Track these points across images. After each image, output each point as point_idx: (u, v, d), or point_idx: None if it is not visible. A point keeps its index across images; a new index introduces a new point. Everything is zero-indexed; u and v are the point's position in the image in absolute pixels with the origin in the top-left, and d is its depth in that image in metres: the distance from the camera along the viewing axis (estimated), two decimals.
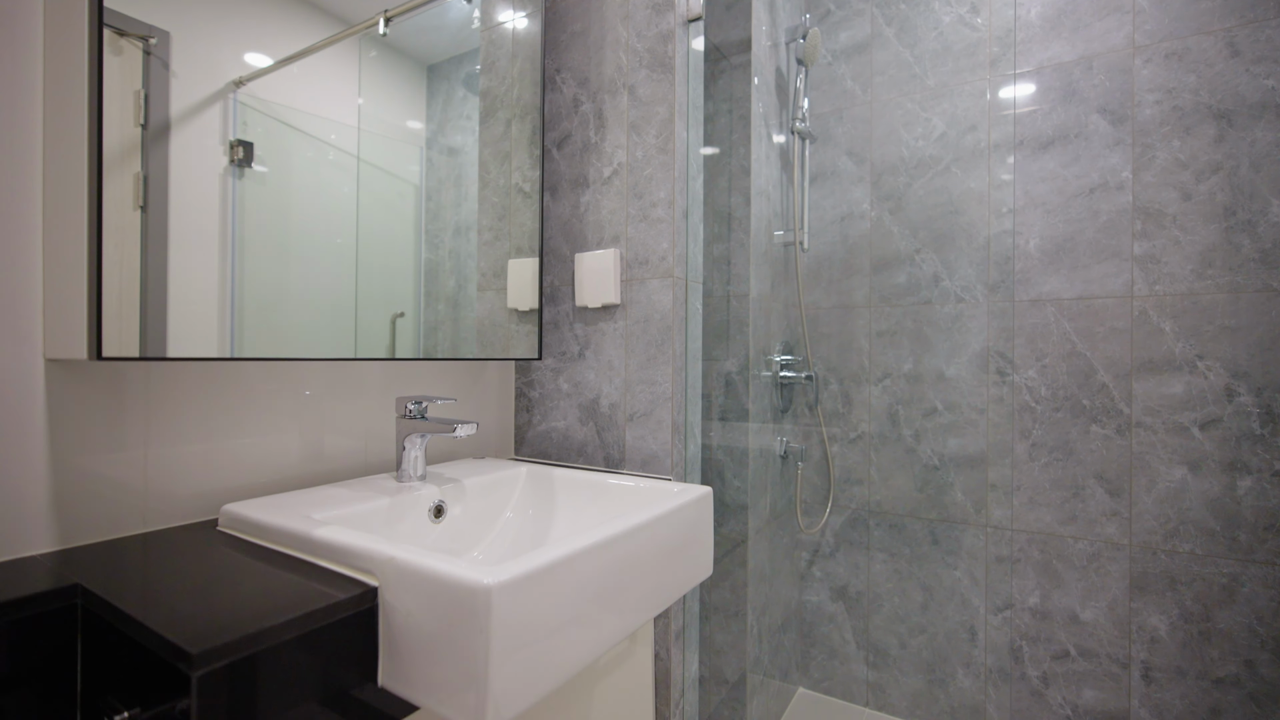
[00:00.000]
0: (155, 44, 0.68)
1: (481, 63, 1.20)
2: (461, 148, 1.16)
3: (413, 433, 0.91)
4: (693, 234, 1.17)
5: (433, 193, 1.09)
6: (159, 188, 0.68)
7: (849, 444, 1.82)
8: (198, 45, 0.72)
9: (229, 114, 0.76)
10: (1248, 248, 1.34)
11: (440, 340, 1.10)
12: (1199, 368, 1.38)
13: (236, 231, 0.76)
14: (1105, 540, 1.48)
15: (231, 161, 0.76)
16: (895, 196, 1.74)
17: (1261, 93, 1.33)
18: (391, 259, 1.01)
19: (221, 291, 0.74)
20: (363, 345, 0.93)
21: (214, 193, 0.74)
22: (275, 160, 0.81)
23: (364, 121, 0.94)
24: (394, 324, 1.04)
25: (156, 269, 0.67)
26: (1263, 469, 1.33)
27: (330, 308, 0.89)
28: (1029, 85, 1.57)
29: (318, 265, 0.87)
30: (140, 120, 0.67)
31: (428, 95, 1.09)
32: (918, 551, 1.72)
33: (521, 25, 1.25)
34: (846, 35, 1.81)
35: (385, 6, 0.99)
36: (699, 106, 1.19)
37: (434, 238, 1.11)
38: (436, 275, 1.10)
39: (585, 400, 1.23)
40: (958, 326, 1.66)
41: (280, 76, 0.81)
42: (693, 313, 1.18)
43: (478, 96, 1.18)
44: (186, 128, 0.71)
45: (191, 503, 0.80)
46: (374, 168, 0.97)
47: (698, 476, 1.19)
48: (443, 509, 0.91)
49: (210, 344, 0.73)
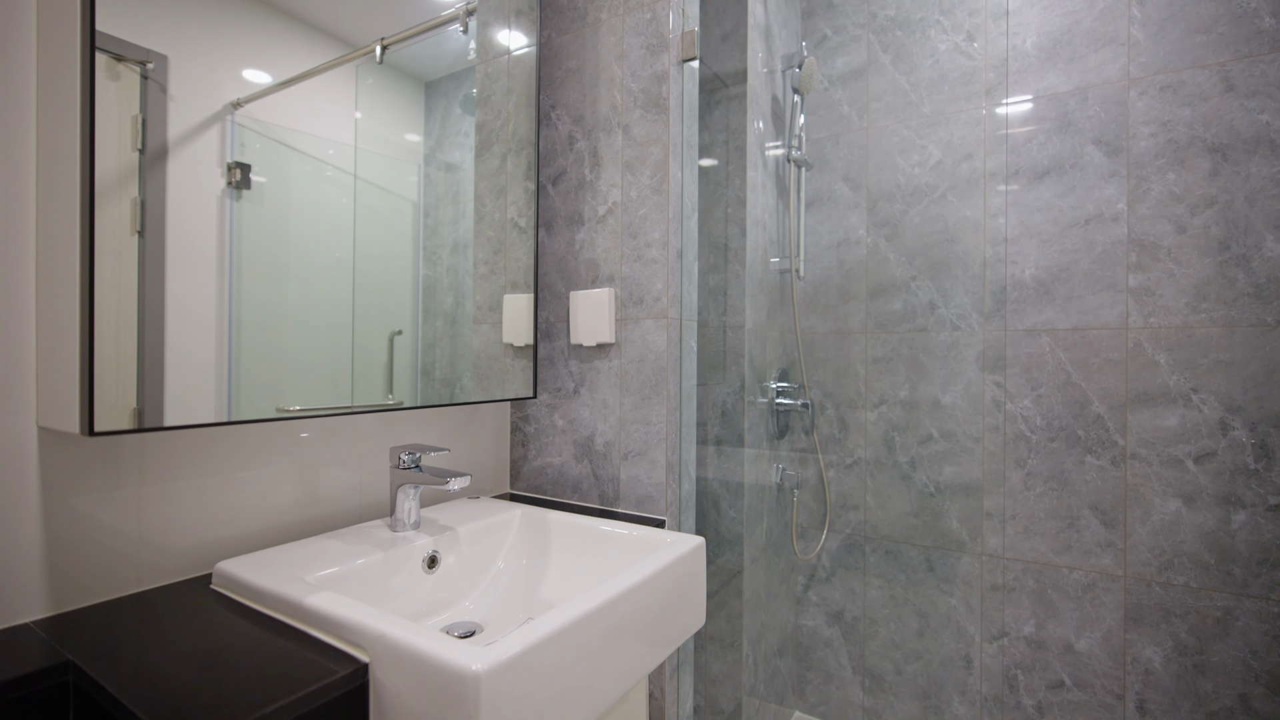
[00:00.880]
0: (153, 69, 0.68)
1: (477, 96, 1.21)
2: (460, 164, 1.15)
3: (406, 483, 0.91)
4: (687, 273, 1.17)
5: (430, 209, 1.09)
6: (156, 212, 0.69)
7: (845, 469, 1.82)
8: (196, 68, 0.72)
9: (226, 136, 0.77)
10: (1242, 282, 1.35)
11: (438, 358, 1.10)
12: (1193, 401, 1.39)
13: (234, 253, 0.77)
14: (1100, 571, 1.48)
15: (229, 184, 0.77)
16: (891, 223, 1.75)
17: (1256, 128, 1.33)
18: (389, 276, 1.01)
19: (219, 316, 0.74)
20: (360, 366, 0.94)
21: (211, 216, 0.74)
22: (273, 181, 0.81)
23: (361, 140, 0.94)
24: (392, 341, 1.05)
25: (154, 301, 0.67)
26: (1257, 503, 1.33)
27: (328, 327, 0.89)
28: (1024, 115, 1.57)
29: (316, 285, 0.87)
30: (138, 145, 0.67)
31: (425, 111, 1.09)
32: (913, 578, 1.72)
33: (517, 60, 1.25)
34: (843, 61, 1.81)
35: (382, 34, 0.99)
36: (693, 145, 1.20)
37: (432, 254, 1.11)
38: (434, 292, 1.10)
39: (580, 437, 1.23)
40: (953, 354, 1.66)
41: (277, 97, 0.82)
42: (687, 351, 1.18)
43: (474, 117, 1.18)
44: (184, 151, 0.71)
45: (186, 556, 0.81)
46: (372, 185, 0.97)
47: (692, 514, 1.20)
48: (436, 559, 0.91)
49: (207, 391, 0.73)
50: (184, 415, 0.70)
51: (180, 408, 0.70)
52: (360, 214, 0.95)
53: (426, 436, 1.15)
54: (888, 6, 1.75)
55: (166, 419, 0.68)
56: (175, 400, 0.70)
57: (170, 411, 0.69)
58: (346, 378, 0.93)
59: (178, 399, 0.70)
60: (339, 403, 0.90)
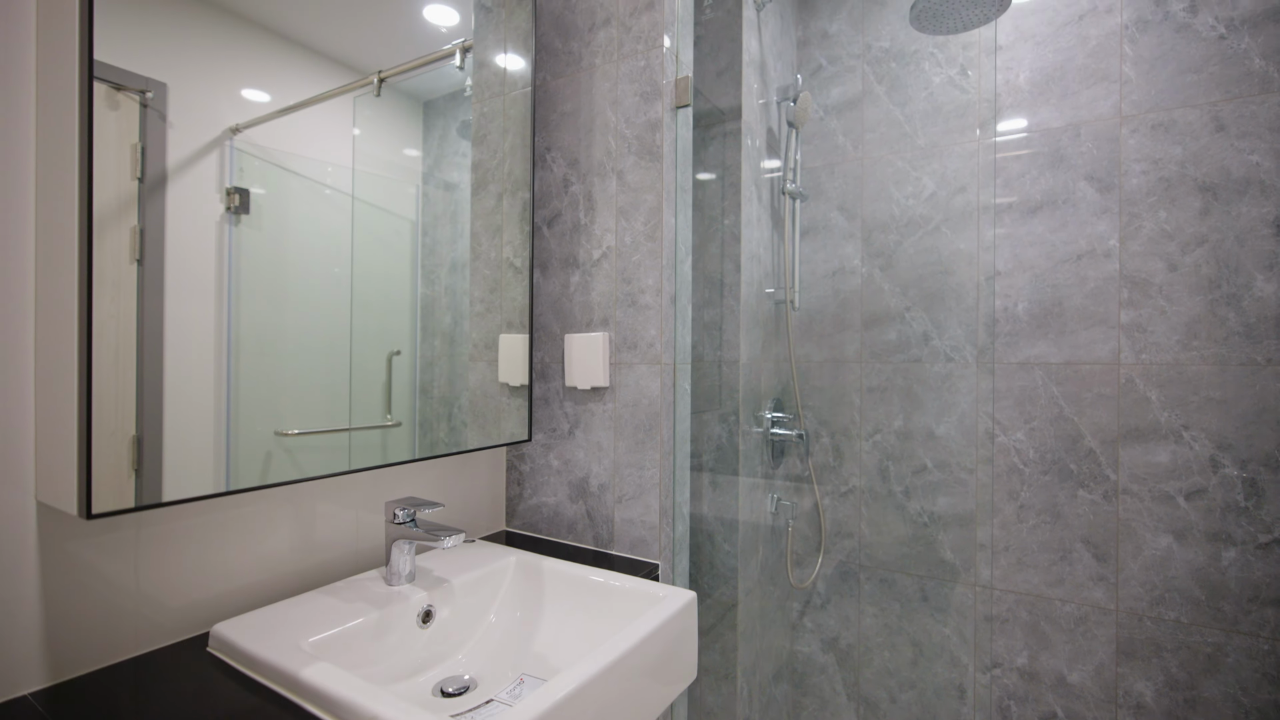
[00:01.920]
0: (152, 97, 0.69)
1: (474, 134, 1.21)
2: (458, 184, 1.16)
3: (401, 538, 0.92)
4: (681, 317, 1.18)
5: (429, 228, 1.10)
6: (155, 240, 0.69)
7: (840, 497, 1.83)
8: (195, 95, 0.73)
9: (225, 161, 0.77)
10: (1233, 321, 1.36)
11: (436, 376, 1.11)
12: (1185, 438, 1.40)
13: (233, 278, 0.77)
14: (1092, 604, 1.49)
15: (228, 209, 0.77)
16: (886, 254, 1.76)
17: (1246, 168, 1.35)
18: (388, 296, 1.02)
19: (218, 341, 0.75)
20: (359, 387, 0.95)
21: (210, 241, 0.75)
22: (271, 205, 0.82)
23: (359, 160, 0.95)
24: (390, 362, 1.05)
25: (153, 329, 0.68)
26: (1247, 541, 1.34)
27: (326, 348, 0.90)
28: (1018, 150, 1.58)
29: (314, 307, 0.88)
30: (137, 174, 0.68)
31: (424, 130, 1.10)
32: (908, 607, 1.73)
33: (513, 101, 1.26)
34: (838, 91, 1.82)
35: (381, 58, 1.00)
36: (687, 190, 1.21)
37: (430, 273, 1.12)
38: (433, 311, 1.10)
39: (575, 478, 1.24)
40: (947, 386, 1.67)
41: (276, 121, 0.83)
42: (681, 394, 1.19)
43: (470, 142, 1.19)
44: (183, 178, 0.72)
45: (186, 613, 0.82)
46: (370, 205, 0.98)
47: (686, 557, 1.21)
48: (431, 613, 0.92)
49: (206, 421, 0.73)
50: (182, 467, 0.71)
51: (179, 454, 0.71)
52: (358, 234, 0.95)
53: (423, 478, 1.16)
54: (882, 38, 1.76)
55: (165, 470, 0.69)
56: (174, 431, 0.70)
57: (169, 459, 0.70)
58: (345, 399, 0.94)
59: (177, 431, 0.70)
60: (337, 424, 0.91)
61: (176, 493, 0.71)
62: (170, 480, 0.71)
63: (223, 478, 0.76)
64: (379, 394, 1.01)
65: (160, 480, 0.70)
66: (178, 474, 0.71)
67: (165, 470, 0.70)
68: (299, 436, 0.87)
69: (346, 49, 0.93)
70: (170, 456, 0.71)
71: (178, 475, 0.71)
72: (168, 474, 0.70)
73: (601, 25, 1.21)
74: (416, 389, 1.08)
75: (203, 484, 0.74)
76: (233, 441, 0.78)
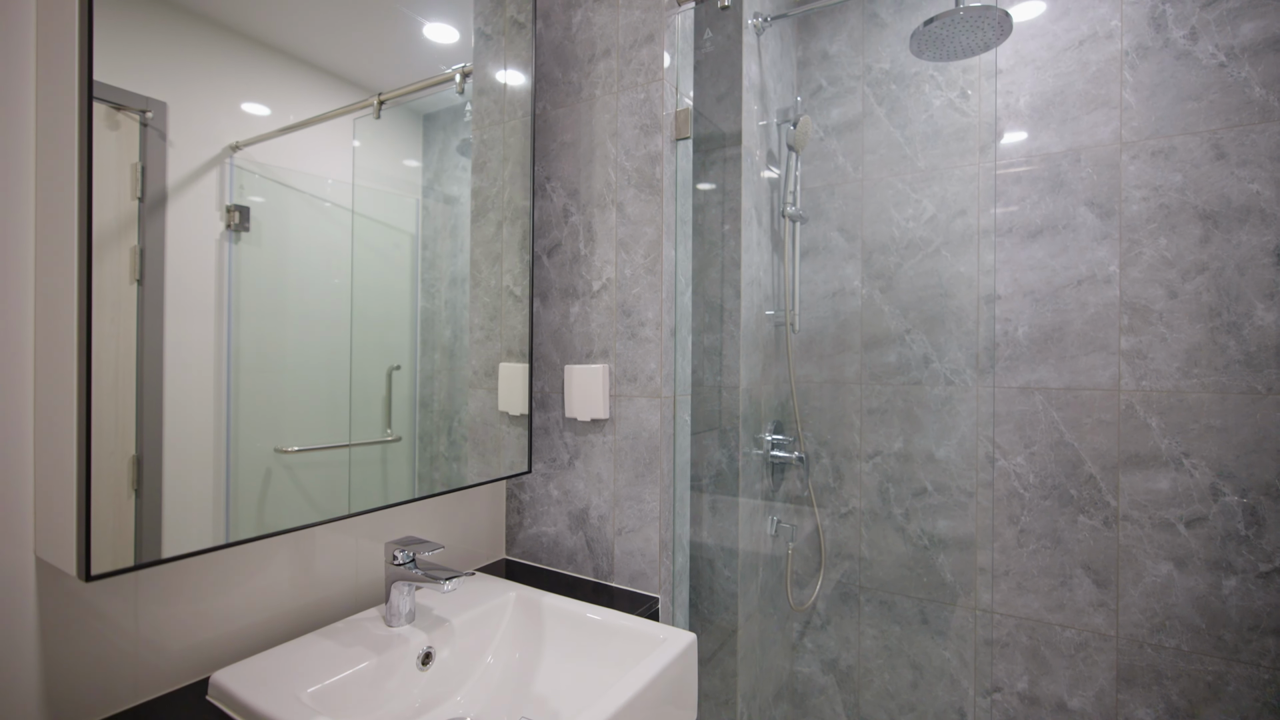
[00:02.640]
0: (152, 116, 0.69)
1: (473, 162, 1.21)
2: (458, 197, 1.16)
3: (401, 580, 0.92)
4: (681, 349, 1.18)
5: (429, 241, 1.10)
6: (155, 259, 0.69)
7: (840, 518, 1.83)
8: (195, 113, 0.73)
9: (225, 179, 0.77)
10: (1233, 349, 1.36)
11: (436, 390, 1.10)
12: (1185, 465, 1.40)
13: (233, 296, 0.77)
14: (1092, 630, 1.49)
15: (228, 226, 0.77)
16: (886, 275, 1.76)
17: (1246, 196, 1.34)
18: (388, 310, 1.02)
19: (218, 360, 0.75)
20: (359, 401, 0.95)
21: (210, 260, 0.75)
22: (271, 221, 0.82)
23: (360, 175, 0.95)
24: (390, 376, 1.05)
25: (152, 348, 0.68)
26: (1247, 570, 1.34)
27: (326, 364, 0.90)
28: (1017, 174, 1.58)
29: (314, 323, 0.88)
30: (137, 194, 0.68)
31: (424, 143, 1.10)
32: (907, 629, 1.73)
33: (512, 129, 1.26)
34: (838, 112, 1.82)
35: (381, 74, 1.00)
36: (687, 221, 1.21)
37: (430, 287, 1.12)
38: (433, 324, 1.10)
39: (575, 509, 1.24)
40: (947, 409, 1.67)
41: (276, 139, 0.83)
42: (681, 426, 1.19)
43: (469, 159, 1.19)
44: (183, 197, 0.72)
45: (185, 657, 0.81)
46: (370, 220, 0.97)
47: (686, 589, 1.21)
48: (431, 655, 0.92)
49: (206, 441, 0.73)
50: (182, 506, 0.71)
51: (179, 478, 0.71)
52: (358, 249, 0.95)
53: (423, 508, 1.15)
54: (882, 59, 1.76)
55: (165, 517, 0.69)
56: (174, 450, 0.70)
57: (169, 492, 0.70)
58: (345, 414, 0.94)
59: (176, 450, 0.70)
60: (338, 440, 0.92)
61: (176, 542, 0.71)
62: (170, 526, 0.70)
63: (222, 524, 0.76)
64: (379, 409, 1.01)
65: (160, 530, 0.70)
66: (177, 519, 0.71)
67: (165, 517, 0.70)
68: (299, 453, 0.88)
69: (347, 65, 0.93)
70: (170, 482, 0.70)
71: (177, 520, 0.71)
72: (167, 521, 0.70)
73: (601, 56, 1.21)
74: (416, 403, 1.08)
75: (202, 532, 0.74)
76: (232, 460, 0.78)
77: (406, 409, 1.06)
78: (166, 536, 0.70)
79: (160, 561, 0.69)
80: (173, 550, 0.70)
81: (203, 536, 0.74)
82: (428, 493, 1.06)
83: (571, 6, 1.25)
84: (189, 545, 0.72)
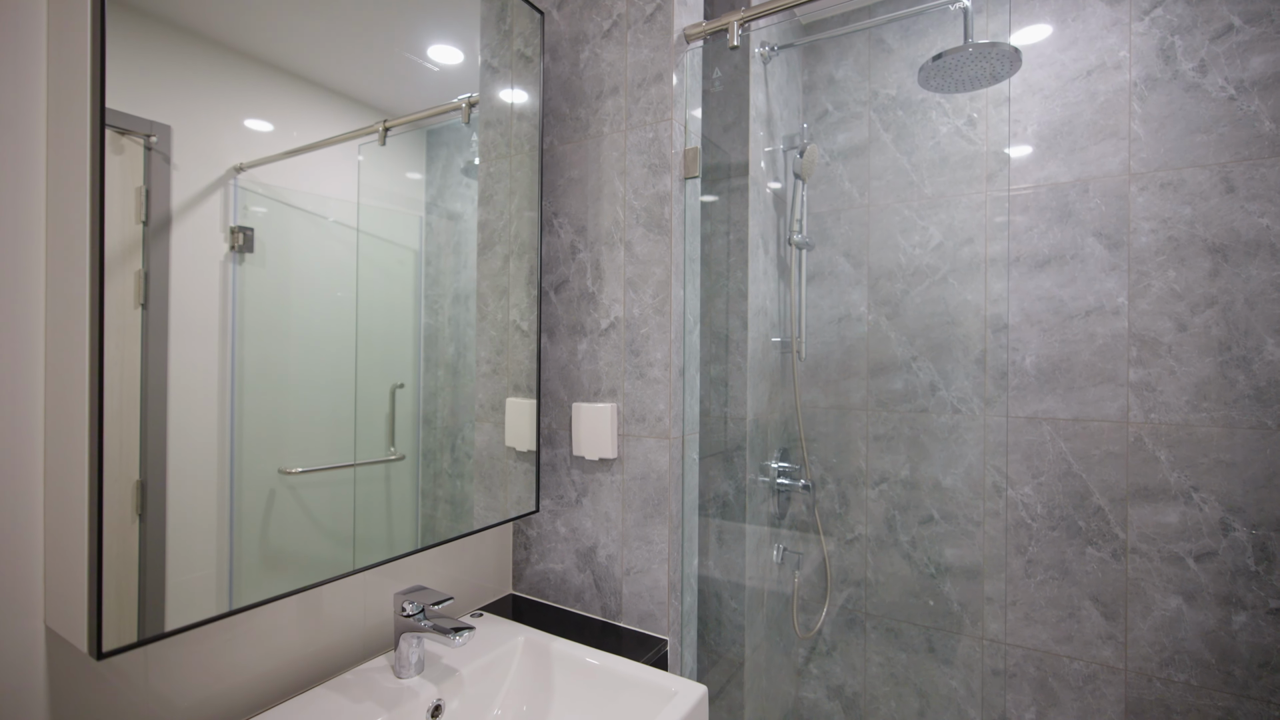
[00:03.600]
0: (156, 140, 0.69)
1: (480, 194, 1.21)
2: (461, 214, 1.16)
3: (410, 632, 0.91)
4: (689, 388, 1.18)
5: (432, 258, 1.09)
6: (160, 283, 0.69)
7: (846, 544, 1.82)
8: (199, 136, 0.72)
9: (229, 200, 0.77)
10: (1242, 384, 1.35)
11: (439, 407, 1.10)
12: (1194, 499, 1.39)
13: (237, 318, 0.77)
14: (1101, 663, 1.48)
15: (232, 248, 0.77)
16: (892, 302, 1.75)
17: (1256, 230, 1.34)
18: (391, 328, 1.02)
19: (221, 382, 0.75)
20: (363, 420, 0.94)
21: (215, 282, 0.75)
22: (274, 241, 0.81)
23: (364, 193, 0.95)
24: (393, 395, 1.05)
25: (157, 372, 0.67)
26: (1257, 606, 1.34)
27: (330, 384, 0.90)
28: (1025, 203, 1.57)
29: (318, 342, 0.88)
30: (142, 217, 0.68)
31: (427, 158, 1.10)
32: (914, 657, 1.72)
33: (519, 162, 1.25)
34: (844, 137, 1.82)
35: (384, 99, 0.99)
36: (695, 260, 1.20)
37: (434, 303, 1.11)
38: (436, 341, 1.10)
39: (582, 547, 1.23)
40: (954, 437, 1.66)
41: (281, 161, 0.82)
42: (689, 465, 1.18)
43: (475, 180, 1.18)
44: (187, 219, 0.72)
45: (195, 713, 0.81)
46: (373, 237, 0.97)
47: (694, 628, 1.20)
48: (440, 707, 0.91)
49: (210, 460, 0.73)
50: (186, 542, 0.71)
51: (182, 506, 0.70)
52: (361, 266, 0.95)
53: (429, 552, 1.15)
54: (889, 85, 1.75)
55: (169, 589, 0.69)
56: (178, 474, 0.69)
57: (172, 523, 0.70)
58: (348, 433, 0.94)
59: (180, 474, 0.70)
60: (341, 460, 0.91)
61: (182, 606, 0.70)
62: (175, 574, 0.70)
63: (227, 557, 0.76)
64: (382, 427, 1.01)
65: (164, 599, 0.69)
66: (182, 550, 0.71)
67: (169, 558, 0.70)
68: (302, 475, 0.87)
69: (352, 85, 0.92)
70: (174, 507, 0.69)
71: (182, 555, 0.71)
72: (171, 569, 0.70)
73: (609, 93, 1.20)
74: (420, 420, 1.07)
75: (206, 601, 0.74)
76: (236, 483, 0.77)
77: (410, 427, 1.05)
78: (171, 609, 0.70)
79: (164, 635, 0.68)
80: (178, 620, 0.70)
81: (208, 596, 0.73)
82: (432, 542, 1.05)
83: (579, 42, 1.24)
84: (197, 604, 0.72)
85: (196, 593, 0.72)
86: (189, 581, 0.71)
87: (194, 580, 0.72)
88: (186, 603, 0.71)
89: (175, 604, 0.70)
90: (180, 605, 0.70)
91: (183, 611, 0.70)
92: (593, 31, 1.22)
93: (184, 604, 0.70)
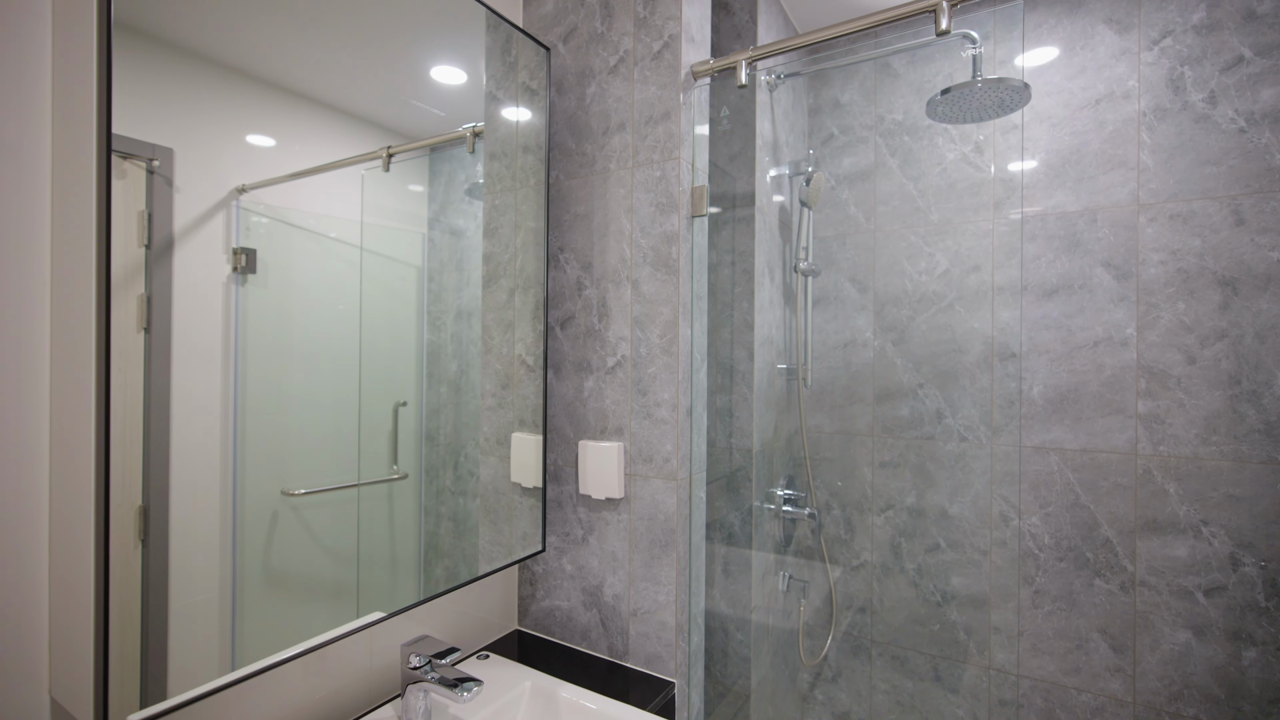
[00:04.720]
0: (159, 164, 0.68)
1: (485, 226, 1.20)
2: (464, 231, 1.15)
3: (417, 684, 0.91)
4: (697, 427, 1.17)
5: (435, 274, 1.09)
6: (162, 306, 0.68)
7: (851, 570, 1.82)
8: (201, 158, 0.72)
9: (232, 222, 0.76)
10: (1252, 418, 1.34)
11: (442, 424, 1.09)
12: (1203, 533, 1.38)
13: (240, 340, 0.77)
14: (1109, 695, 1.47)
15: (235, 269, 0.76)
16: (899, 328, 1.74)
17: (1267, 264, 1.33)
18: (394, 346, 1.01)
19: (224, 405, 0.74)
20: (366, 439, 0.94)
21: (217, 304, 0.74)
22: (277, 262, 0.81)
23: (366, 212, 0.94)
24: (396, 413, 1.04)
25: (159, 396, 0.67)
26: (1268, 642, 1.33)
27: (333, 404, 0.89)
28: (1033, 232, 1.56)
29: (320, 362, 0.87)
30: (144, 241, 0.67)
31: (430, 174, 1.09)
32: (920, 684, 1.71)
33: (524, 196, 1.24)
34: (850, 161, 1.81)
35: (386, 119, 0.98)
36: (703, 297, 1.19)
37: (436, 319, 1.11)
38: (439, 358, 1.09)
39: (589, 585, 1.23)
40: (961, 465, 1.65)
41: (284, 183, 0.82)
42: (696, 504, 1.18)
43: (479, 201, 1.17)
44: (190, 242, 0.71)
45: None
46: (376, 255, 0.97)
47: (701, 667, 1.19)
48: None
49: (213, 483, 0.73)
50: (188, 563, 0.70)
51: (185, 528, 0.69)
52: (364, 283, 0.95)
53: None
54: (895, 110, 1.74)
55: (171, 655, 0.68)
56: (180, 498, 0.69)
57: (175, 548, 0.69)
58: (352, 453, 0.93)
59: (183, 498, 0.69)
60: (344, 480, 0.91)
61: (184, 673, 0.70)
62: (176, 659, 0.69)
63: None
64: (385, 445, 1.00)
65: (166, 665, 0.68)
66: (185, 572, 0.70)
67: (171, 655, 0.69)
68: (305, 496, 0.87)
69: (356, 105, 0.91)
70: (176, 530, 0.69)
71: (184, 659, 0.70)
72: (173, 650, 0.69)
73: (616, 130, 1.20)
74: (422, 438, 1.06)
75: (209, 667, 0.73)
76: (239, 505, 0.76)
77: (413, 445, 1.05)
78: (173, 676, 0.69)
79: (169, 710, 0.67)
80: (181, 685, 0.69)
81: (209, 667, 0.73)
82: (435, 592, 1.04)
83: (586, 77, 1.23)
84: (200, 671, 0.71)
85: (197, 655, 0.71)
86: (191, 566, 0.70)
87: (196, 569, 0.71)
88: (190, 663, 0.70)
89: (178, 669, 0.69)
90: (183, 672, 0.69)
91: (185, 677, 0.69)
92: (599, 67, 1.22)
93: (187, 669, 0.70)
